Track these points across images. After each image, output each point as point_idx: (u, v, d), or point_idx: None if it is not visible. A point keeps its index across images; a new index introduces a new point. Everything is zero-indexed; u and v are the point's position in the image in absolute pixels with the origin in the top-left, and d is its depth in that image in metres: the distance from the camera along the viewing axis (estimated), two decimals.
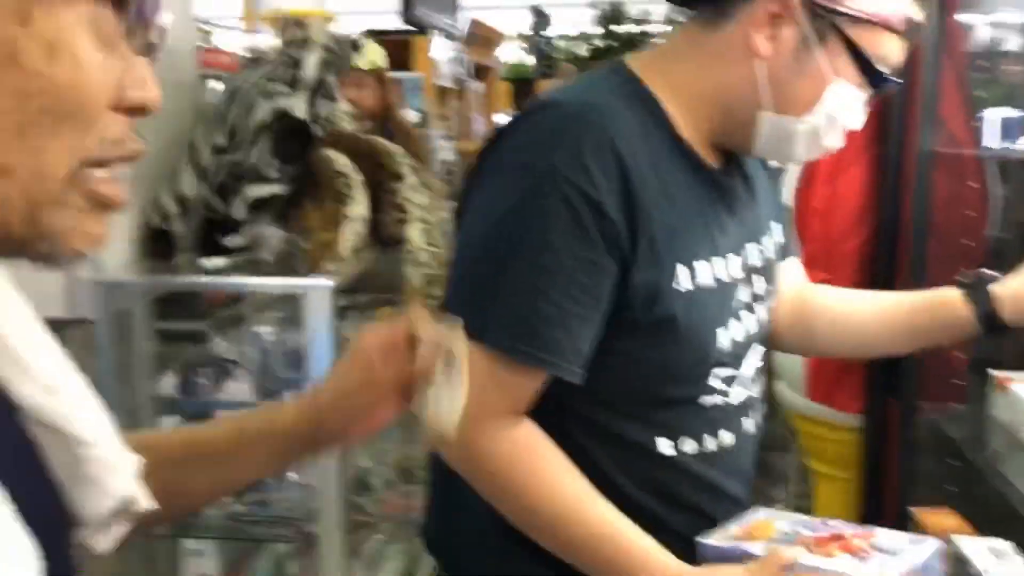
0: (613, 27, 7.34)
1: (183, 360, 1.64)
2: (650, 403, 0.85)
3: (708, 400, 0.85)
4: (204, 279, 1.46)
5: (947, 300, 0.97)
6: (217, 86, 1.78)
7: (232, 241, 1.47)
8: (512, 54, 7.02)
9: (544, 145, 0.79)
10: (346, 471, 1.75)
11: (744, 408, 0.89)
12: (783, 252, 0.99)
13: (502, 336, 0.78)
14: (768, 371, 1.14)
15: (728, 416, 0.87)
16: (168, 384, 1.59)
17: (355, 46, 1.47)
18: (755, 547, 0.79)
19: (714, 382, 0.85)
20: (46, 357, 0.49)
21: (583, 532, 0.81)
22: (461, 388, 0.63)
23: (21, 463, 0.47)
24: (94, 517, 0.50)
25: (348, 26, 4.42)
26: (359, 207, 1.52)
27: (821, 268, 1.75)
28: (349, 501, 1.95)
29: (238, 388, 1.60)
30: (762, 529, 0.83)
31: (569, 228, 0.77)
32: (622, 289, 0.79)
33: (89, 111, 0.41)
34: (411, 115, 3.28)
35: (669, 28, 9.00)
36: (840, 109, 0.83)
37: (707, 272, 0.83)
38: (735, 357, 0.87)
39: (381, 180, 1.67)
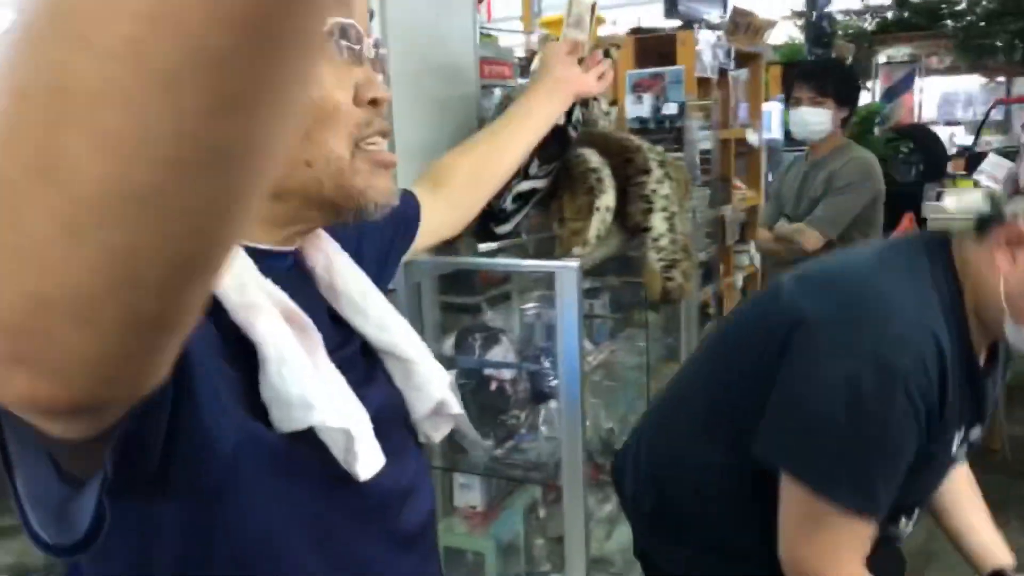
0: None
1: (461, 327, 1.93)
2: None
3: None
4: (479, 260, 1.72)
5: None
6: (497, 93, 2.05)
7: (502, 229, 1.71)
8: (783, 36, 6.73)
9: (894, 347, 1.00)
10: (591, 431, 1.96)
11: None
12: None
13: (856, 499, 1.03)
14: None
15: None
16: (448, 345, 1.90)
17: (607, 55, 1.64)
18: None
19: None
20: (377, 307, 0.76)
21: None
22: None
23: (374, 378, 0.75)
24: (421, 414, 0.76)
25: (618, 24, 4.61)
26: (607, 199, 1.71)
27: None
28: (594, 463, 2.16)
29: (503, 351, 1.88)
30: None
31: (909, 421, 0.99)
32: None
33: (339, 112, 0.65)
34: (670, 108, 3.40)
35: None
36: None
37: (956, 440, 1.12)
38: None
39: (630, 174, 1.84)
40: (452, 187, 1.11)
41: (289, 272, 0.71)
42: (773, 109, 4.94)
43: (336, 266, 0.74)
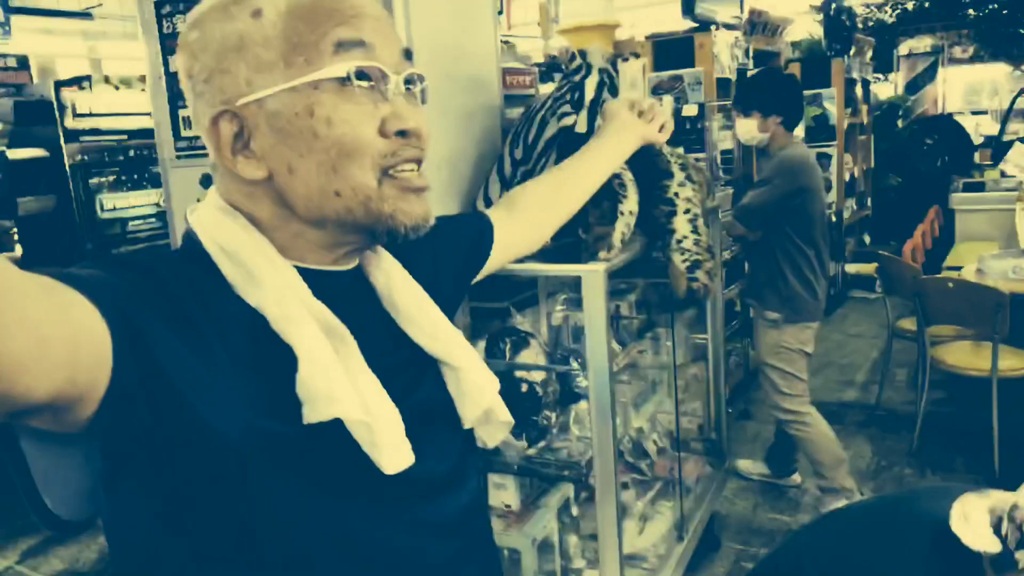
0: None
1: (491, 331, 1.99)
2: None
3: None
4: (508, 266, 1.78)
5: None
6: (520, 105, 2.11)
7: None
8: (803, 31, 6.71)
9: None
10: (620, 430, 2.00)
11: None
12: None
13: None
14: None
15: None
16: (479, 349, 1.95)
17: (617, 66, 1.70)
18: None
19: None
20: (431, 319, 0.82)
21: None
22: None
23: (425, 382, 0.81)
24: (471, 420, 0.82)
25: (635, 27, 4.64)
26: (631, 203, 1.75)
27: None
28: (624, 462, 2.21)
29: (532, 354, 1.93)
30: None
31: None
32: None
33: (361, 146, 0.71)
34: (691, 109, 3.44)
35: None
36: None
37: None
38: None
39: (652, 178, 1.89)
40: (526, 211, 1.18)
41: (348, 288, 0.78)
42: None
43: (395, 282, 0.81)
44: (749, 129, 2.84)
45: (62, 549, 3.04)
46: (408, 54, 0.75)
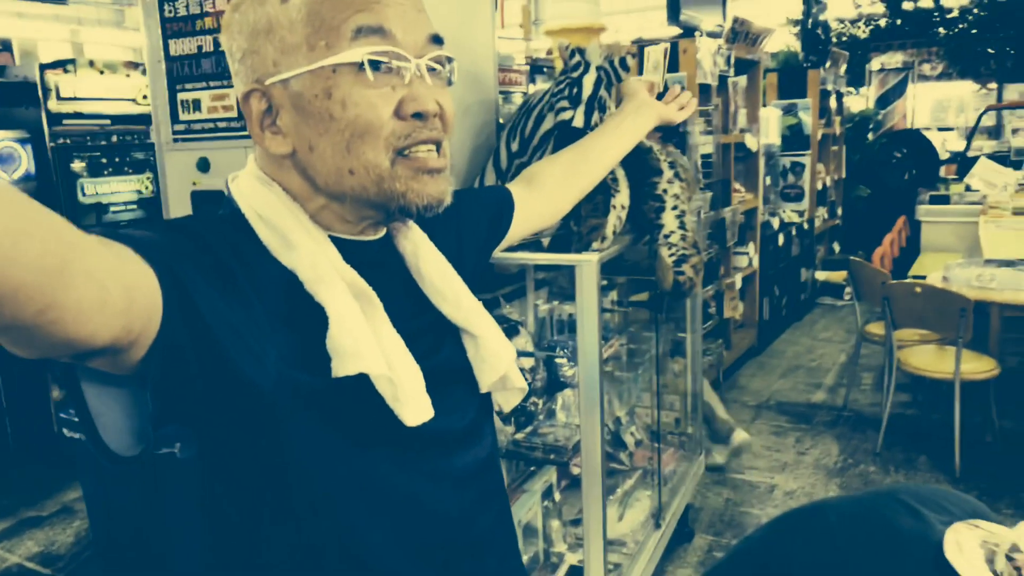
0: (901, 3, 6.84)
1: None
2: None
3: None
4: (501, 255, 1.83)
5: None
6: (516, 99, 2.18)
7: None
8: (780, 43, 6.87)
9: None
10: (606, 417, 2.06)
11: None
12: None
13: None
14: None
15: None
16: None
17: (624, 64, 1.76)
18: None
19: None
20: (454, 289, 0.87)
21: None
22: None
23: (445, 346, 0.86)
24: (487, 384, 0.87)
25: (620, 32, 4.72)
26: (622, 198, 1.82)
27: None
28: (604, 451, 2.27)
29: (522, 342, 1.98)
30: None
31: None
32: None
33: (374, 127, 0.75)
34: None
35: (964, 4, 8.12)
36: None
37: None
38: None
39: (643, 174, 1.96)
40: (544, 186, 1.22)
41: (375, 256, 0.83)
42: (771, 115, 5.07)
43: (421, 252, 0.86)
44: None
45: (38, 532, 3.02)
46: (436, 39, 0.79)
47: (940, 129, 9.39)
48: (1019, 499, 2.97)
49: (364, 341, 0.72)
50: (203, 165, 2.08)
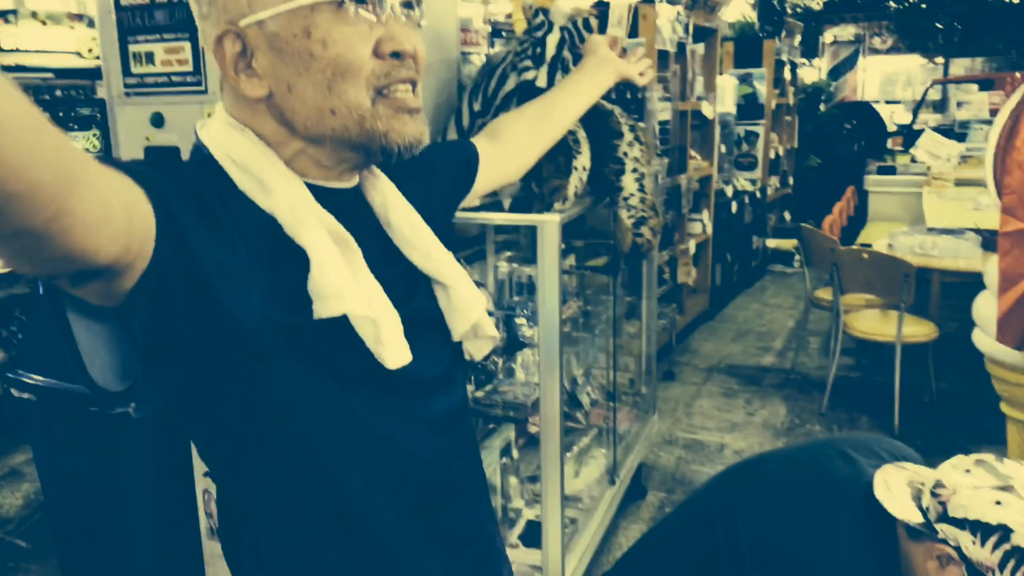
0: None
1: None
2: None
3: None
4: (462, 215, 1.84)
5: None
6: (475, 60, 2.16)
7: None
8: (737, 13, 6.92)
9: None
10: (564, 376, 2.10)
11: None
12: None
13: None
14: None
15: None
16: None
17: (588, 25, 1.76)
18: None
19: None
20: (424, 240, 0.87)
21: None
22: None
23: (417, 295, 0.87)
24: (460, 333, 0.89)
25: None
26: (584, 159, 1.84)
27: (1019, 217, 1.83)
28: (563, 411, 2.31)
29: None
30: None
31: None
32: None
33: (355, 65, 0.75)
34: None
35: None
36: None
37: None
38: None
39: (604, 136, 1.97)
40: (508, 140, 1.23)
41: (350, 206, 0.83)
42: (727, 83, 5.12)
43: (390, 203, 0.86)
44: None
45: None
46: None
47: (888, 102, 9.61)
48: (953, 455, 3.12)
49: (345, 283, 0.73)
50: (157, 120, 2.03)
